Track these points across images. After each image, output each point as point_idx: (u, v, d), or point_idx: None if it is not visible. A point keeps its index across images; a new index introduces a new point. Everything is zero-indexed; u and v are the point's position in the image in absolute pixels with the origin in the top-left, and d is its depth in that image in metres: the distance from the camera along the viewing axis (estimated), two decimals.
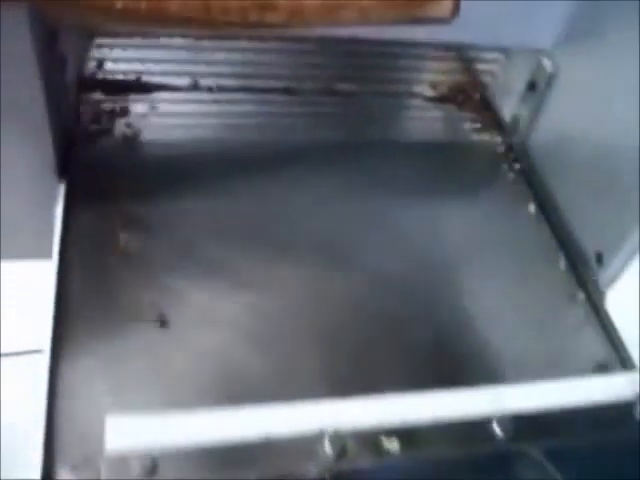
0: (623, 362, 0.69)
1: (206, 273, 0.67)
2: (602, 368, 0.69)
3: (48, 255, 0.65)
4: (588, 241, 0.75)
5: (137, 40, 0.81)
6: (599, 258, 0.72)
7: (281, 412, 0.53)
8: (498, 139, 0.90)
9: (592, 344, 0.71)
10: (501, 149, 0.89)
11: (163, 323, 0.62)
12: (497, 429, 0.55)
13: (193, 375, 0.59)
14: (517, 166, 0.86)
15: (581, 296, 0.74)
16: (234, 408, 0.52)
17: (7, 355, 0.75)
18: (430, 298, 0.71)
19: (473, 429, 0.55)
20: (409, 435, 0.54)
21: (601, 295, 0.73)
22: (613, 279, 0.72)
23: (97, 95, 0.82)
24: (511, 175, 0.86)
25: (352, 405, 0.55)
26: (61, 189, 0.69)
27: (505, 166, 0.87)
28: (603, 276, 0.72)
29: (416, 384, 0.60)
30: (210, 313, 0.64)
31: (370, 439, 0.53)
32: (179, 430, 0.50)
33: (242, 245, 0.70)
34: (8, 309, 0.76)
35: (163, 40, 0.81)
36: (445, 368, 0.65)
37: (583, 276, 0.75)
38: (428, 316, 0.69)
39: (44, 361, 0.57)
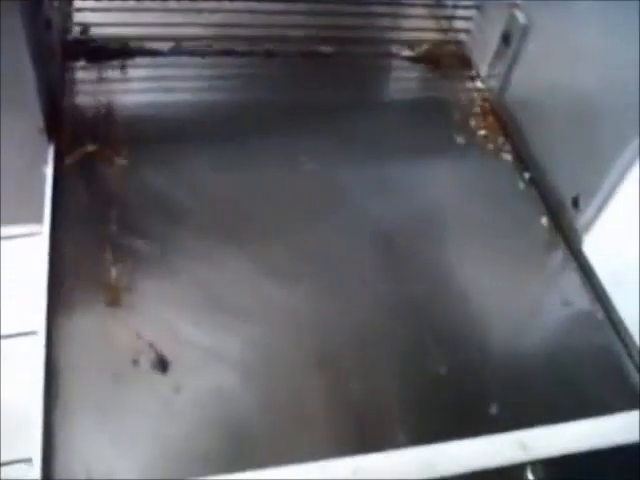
0: (603, 305, 0.71)
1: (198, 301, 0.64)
2: (584, 313, 0.71)
3: (39, 219, 0.67)
4: (565, 186, 0.77)
5: (118, 3, 0.82)
6: (575, 202, 0.74)
7: (301, 471, 0.51)
8: (475, 95, 0.92)
9: (571, 288, 0.73)
10: (477, 100, 0.91)
11: (163, 364, 0.59)
12: (530, 476, 0.54)
13: (195, 419, 0.57)
14: (495, 119, 0.88)
15: (559, 241, 0.76)
16: (248, 471, 0.51)
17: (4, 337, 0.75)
18: (417, 256, 0.72)
19: (506, 478, 0.54)
20: None
21: (579, 239, 0.75)
22: (590, 223, 0.73)
23: (81, 61, 0.83)
24: (489, 126, 0.88)
25: (378, 459, 0.53)
26: (50, 150, 0.71)
27: (480, 120, 0.88)
28: (580, 220, 0.74)
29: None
30: (206, 349, 0.61)
31: None
32: None
33: (233, 259, 0.68)
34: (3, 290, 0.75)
35: (145, 3, 0.82)
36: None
37: (561, 221, 0.77)
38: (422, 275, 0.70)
39: (39, 343, 0.57)
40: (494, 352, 0.66)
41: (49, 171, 0.69)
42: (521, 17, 0.82)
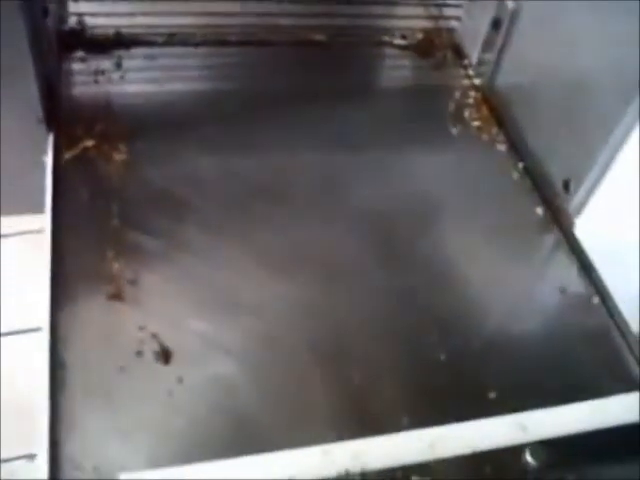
0: (598, 289, 0.72)
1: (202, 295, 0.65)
2: (579, 298, 0.72)
3: (39, 209, 0.67)
4: (557, 172, 0.78)
5: None
6: (566, 185, 0.75)
7: (303, 455, 0.52)
8: (468, 84, 0.93)
9: (567, 274, 0.74)
10: (470, 90, 0.92)
11: (166, 355, 0.60)
12: (529, 458, 0.54)
13: (199, 408, 0.57)
14: (488, 109, 0.89)
15: (554, 228, 0.77)
16: (252, 456, 0.51)
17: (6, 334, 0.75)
18: (415, 245, 0.73)
19: (506, 460, 0.54)
20: (440, 471, 0.53)
21: (571, 222, 0.76)
22: (581, 206, 0.75)
23: (77, 52, 0.83)
24: (483, 117, 0.88)
25: (378, 443, 0.53)
26: (50, 140, 0.71)
27: (474, 110, 0.89)
28: (571, 204, 0.75)
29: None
30: (209, 341, 0.61)
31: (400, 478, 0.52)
32: None
33: (233, 250, 0.69)
34: (7, 286, 0.75)
35: None
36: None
37: (554, 207, 0.78)
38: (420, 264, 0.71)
39: (44, 338, 0.58)
40: (493, 339, 0.67)
41: (49, 161, 0.70)
42: (510, 2, 0.83)
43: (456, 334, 0.66)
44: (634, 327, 0.69)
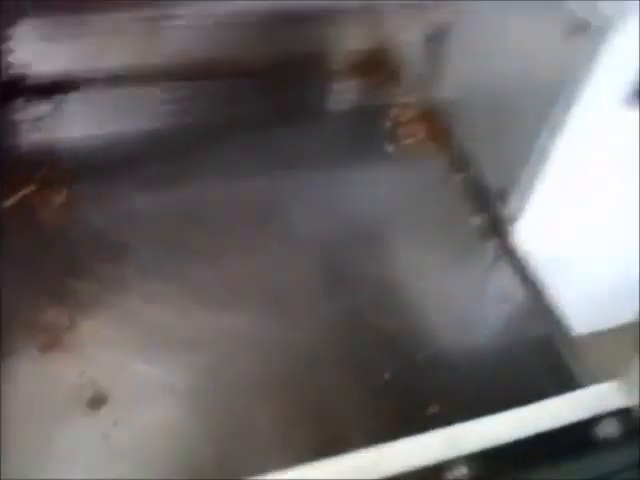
0: (538, 296, 0.74)
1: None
2: (521, 306, 0.74)
3: None
4: (493, 182, 0.79)
5: (49, 42, 0.84)
6: (501, 195, 0.77)
7: None
8: (404, 101, 0.94)
9: (508, 283, 0.75)
10: (406, 107, 0.93)
11: (100, 400, 0.60)
12: (458, 473, 0.52)
13: (137, 454, 0.58)
14: (425, 124, 0.90)
15: (493, 237, 0.79)
16: None
17: None
18: (356, 267, 0.74)
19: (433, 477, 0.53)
20: None
21: (509, 232, 0.77)
22: (518, 213, 0.76)
23: (17, 100, 0.84)
24: (419, 131, 0.90)
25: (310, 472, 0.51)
26: None
27: (411, 126, 0.90)
28: (508, 213, 0.77)
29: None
30: (152, 382, 0.62)
31: None
32: None
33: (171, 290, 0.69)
34: None
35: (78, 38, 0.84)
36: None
37: (493, 217, 0.80)
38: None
39: None
40: (438, 353, 0.68)
41: None
42: (443, 17, 0.85)
43: (402, 351, 0.67)
44: (577, 330, 0.70)
